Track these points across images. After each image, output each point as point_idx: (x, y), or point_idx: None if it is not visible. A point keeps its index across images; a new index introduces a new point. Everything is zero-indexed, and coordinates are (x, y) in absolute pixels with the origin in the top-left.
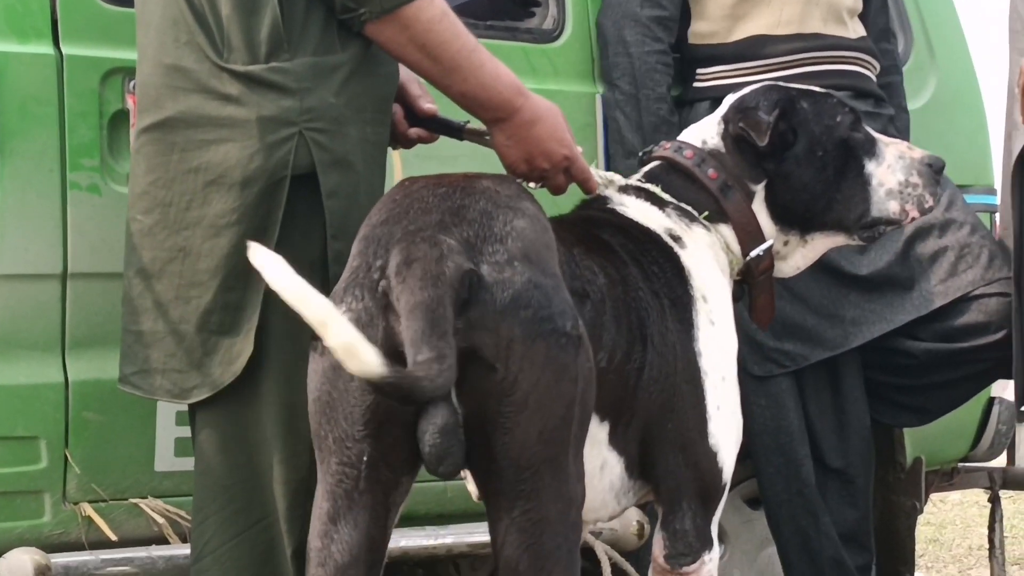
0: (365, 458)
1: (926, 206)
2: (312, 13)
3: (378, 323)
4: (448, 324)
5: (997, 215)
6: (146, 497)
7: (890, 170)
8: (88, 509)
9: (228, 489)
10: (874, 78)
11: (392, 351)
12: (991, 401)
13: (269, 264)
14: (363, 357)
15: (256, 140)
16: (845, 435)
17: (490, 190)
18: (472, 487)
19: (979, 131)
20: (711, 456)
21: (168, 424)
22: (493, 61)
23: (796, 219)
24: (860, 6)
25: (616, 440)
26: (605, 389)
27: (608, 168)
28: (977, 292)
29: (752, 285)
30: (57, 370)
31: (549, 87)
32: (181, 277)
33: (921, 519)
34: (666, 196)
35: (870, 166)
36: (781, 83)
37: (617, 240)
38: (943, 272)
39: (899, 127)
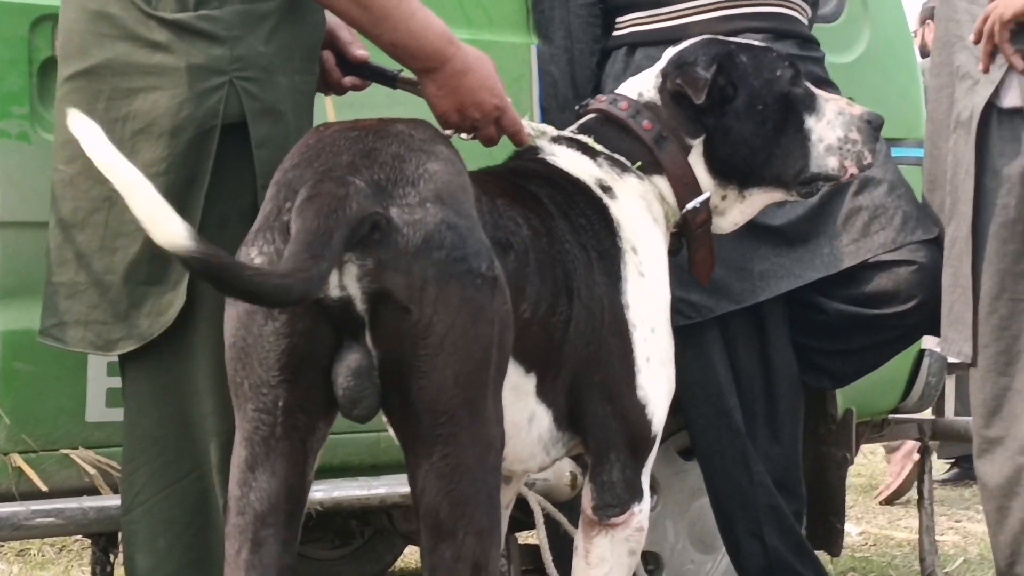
0: (281, 404)
1: (864, 163)
2: None
3: None
4: (330, 253)
5: None
6: (77, 448)
7: (830, 126)
8: (18, 460)
9: (158, 441)
10: (803, 19)
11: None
12: (921, 353)
13: (86, 132)
14: (168, 227)
15: (186, 89)
16: (772, 384)
17: (404, 133)
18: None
19: (911, 84)
20: (640, 408)
21: (99, 375)
22: (423, 10)
23: (735, 173)
24: None
25: (544, 392)
26: (530, 340)
27: (544, 121)
28: (887, 258)
29: (690, 238)
30: None
31: (483, 37)
32: (107, 227)
33: (853, 470)
34: (598, 146)
35: (810, 121)
36: (720, 37)
37: (545, 192)
38: (855, 232)
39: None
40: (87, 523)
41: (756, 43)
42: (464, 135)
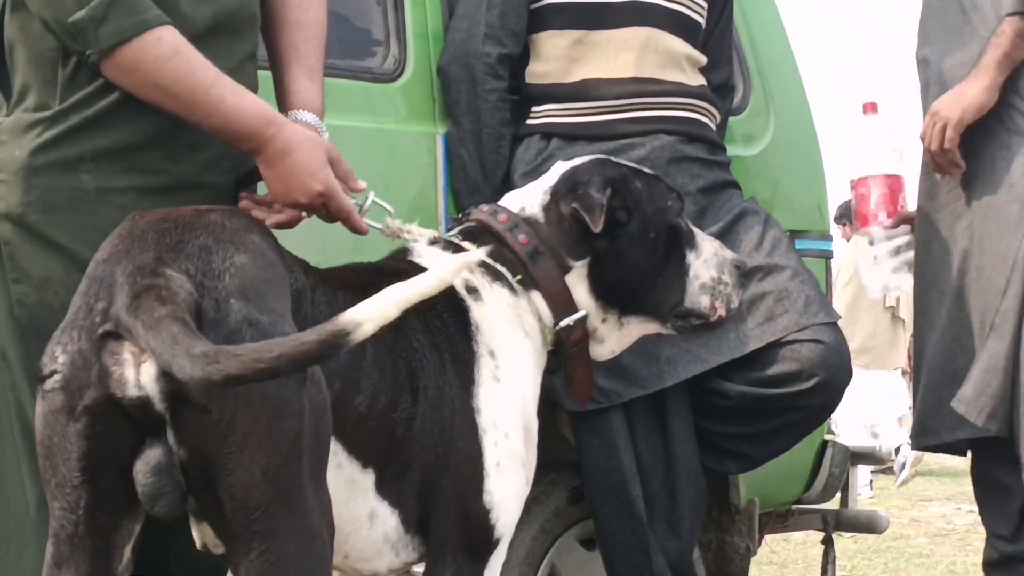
0: (82, 503)
1: (732, 306)
2: (37, 71)
3: (92, 366)
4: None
5: (832, 260)
6: None
7: (706, 264)
8: None
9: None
10: (712, 125)
11: (105, 396)
12: (824, 444)
13: None
14: None
15: None
16: (673, 475)
17: (214, 224)
18: (196, 535)
19: (816, 177)
20: (484, 513)
21: None
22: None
23: (618, 298)
24: (703, 59)
25: (387, 490)
26: (366, 435)
27: (455, 204)
28: (790, 338)
29: (566, 356)
30: None
31: (389, 126)
32: None
33: (763, 558)
34: (476, 251)
35: (690, 257)
36: (612, 158)
37: None
38: (760, 316)
39: None
40: None
41: (646, 169)
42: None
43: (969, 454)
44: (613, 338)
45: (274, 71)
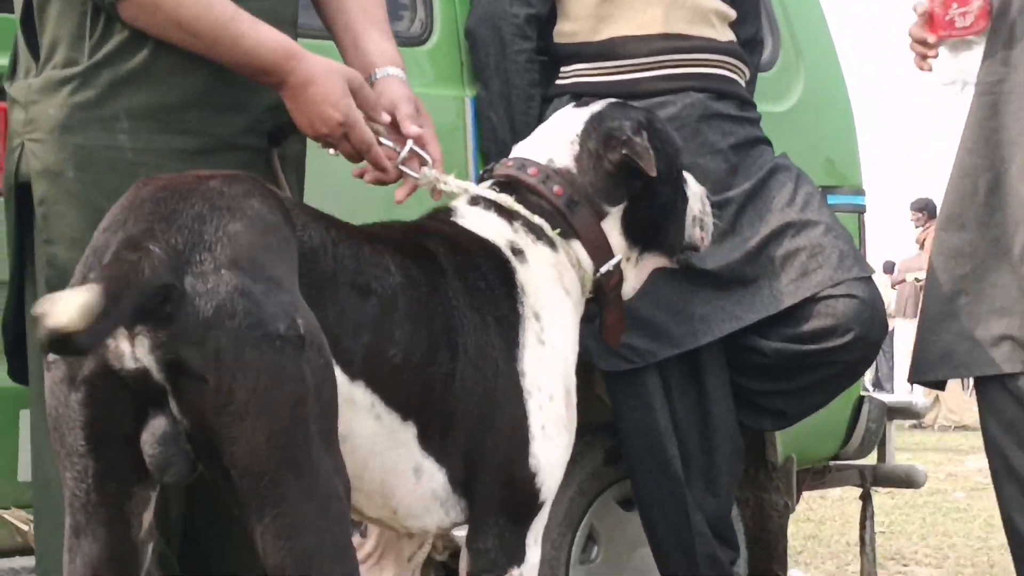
0: (91, 472)
1: (711, 233)
2: (64, 25)
3: None
4: (115, 313)
5: (865, 215)
6: (9, 508)
7: (694, 198)
8: None
9: (46, 489)
10: (742, 81)
11: (103, 367)
12: (861, 399)
13: None
14: None
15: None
16: (709, 434)
17: (212, 191)
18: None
19: (847, 132)
20: (529, 477)
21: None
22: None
23: (645, 238)
24: (732, 14)
25: (431, 446)
26: (403, 387)
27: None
28: (825, 294)
29: (604, 302)
30: None
31: (417, 90)
32: None
33: (800, 515)
34: (519, 207)
35: (687, 192)
36: (624, 102)
37: (442, 250)
38: (794, 272)
39: None
40: None
41: (651, 110)
42: (331, 151)
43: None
44: (632, 276)
45: (346, 37)
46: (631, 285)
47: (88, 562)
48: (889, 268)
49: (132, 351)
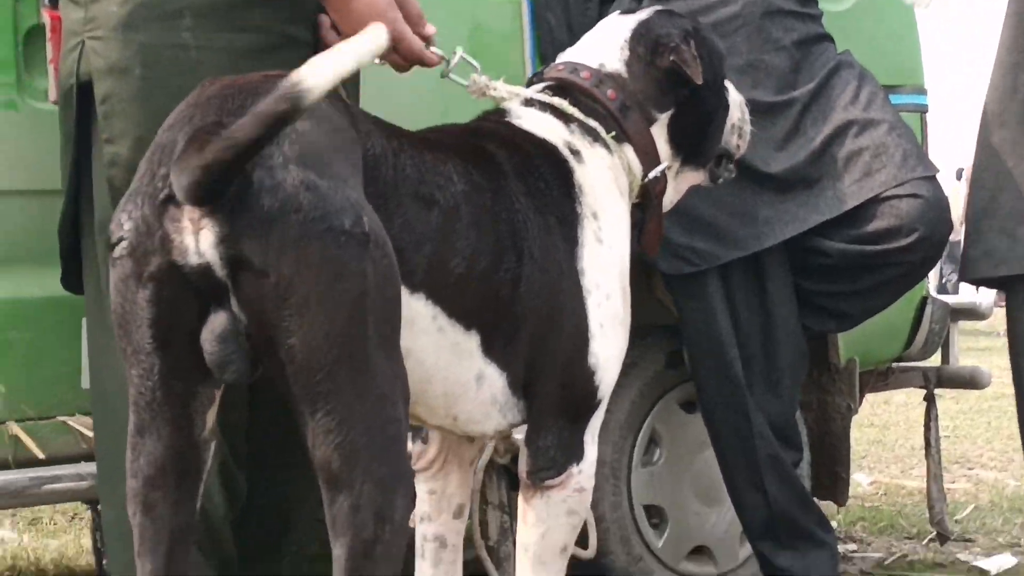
0: (156, 370)
1: (747, 141)
2: None
3: (155, 232)
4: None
5: (928, 115)
6: (73, 415)
7: (734, 105)
8: (15, 428)
9: (106, 396)
10: None
11: (169, 263)
12: (924, 300)
13: None
14: None
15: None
16: (771, 337)
17: None
18: None
19: (908, 30)
20: (588, 375)
21: None
22: None
23: (687, 147)
24: None
25: (494, 353)
26: (467, 297)
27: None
28: (889, 194)
29: (647, 208)
30: None
31: None
32: None
33: (864, 420)
34: (573, 110)
35: (728, 100)
36: (671, 10)
37: (502, 152)
38: (858, 172)
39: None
40: (84, 489)
41: (696, 19)
42: (378, 60)
43: None
44: (671, 189)
45: None
46: (669, 198)
47: (151, 460)
48: (959, 175)
49: (196, 246)
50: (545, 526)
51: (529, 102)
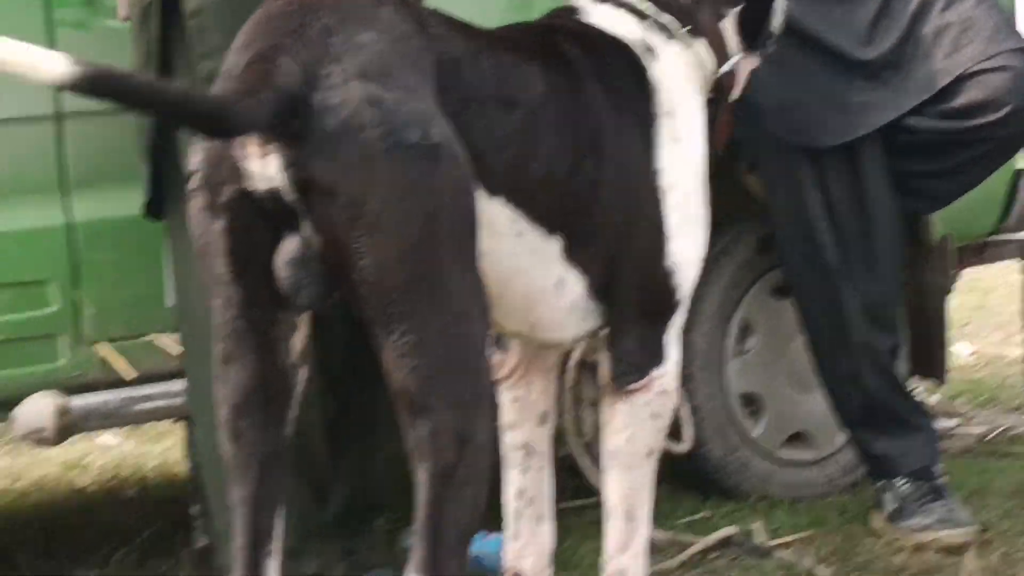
0: (236, 299)
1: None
2: None
3: (224, 161)
4: (265, 96)
5: None
6: (161, 333)
7: None
8: (104, 348)
9: (190, 314)
10: None
11: (240, 191)
12: (1017, 174)
13: None
14: (42, 63)
15: None
16: (867, 218)
17: (341, 3)
18: None
19: None
20: (667, 275)
21: None
22: None
23: (752, 38)
24: None
25: (575, 257)
26: (547, 201)
27: None
28: (978, 68)
29: (719, 103)
30: (60, 212)
31: None
32: None
33: (966, 285)
34: (647, 5)
35: None
36: None
37: (578, 52)
38: (946, 48)
39: None
40: (175, 407)
41: None
42: None
43: None
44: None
45: None
46: (737, 89)
47: (238, 388)
48: None
49: (263, 170)
50: (630, 431)
51: None
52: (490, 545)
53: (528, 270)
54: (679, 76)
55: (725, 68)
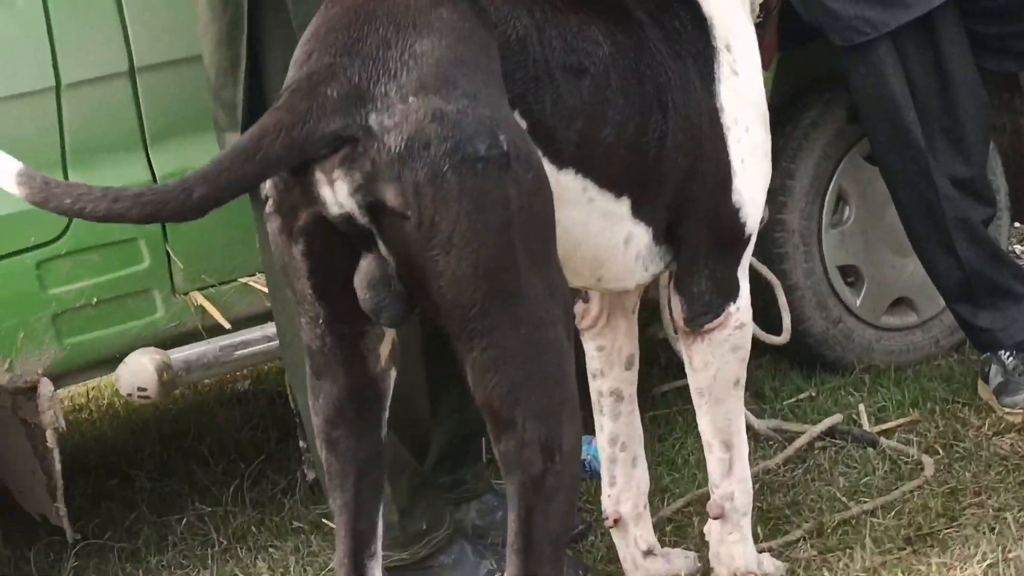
0: (322, 317)
1: None
2: None
3: (294, 187)
4: (240, 172)
5: None
6: (253, 275)
7: None
8: (199, 297)
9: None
10: None
11: (316, 215)
12: None
13: None
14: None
15: None
16: (950, 93)
17: (399, 6)
18: None
19: None
20: (733, 212)
21: None
22: None
23: None
24: None
25: (642, 212)
26: (617, 164)
27: None
28: None
29: (766, 21)
30: (143, 168)
31: None
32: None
33: None
34: None
35: None
36: None
37: None
38: None
39: None
40: (273, 351)
41: None
42: None
43: None
44: None
45: None
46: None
47: (330, 401)
48: None
49: (334, 196)
50: (714, 367)
51: None
52: (595, 450)
53: (599, 232)
54: (731, 6)
55: None
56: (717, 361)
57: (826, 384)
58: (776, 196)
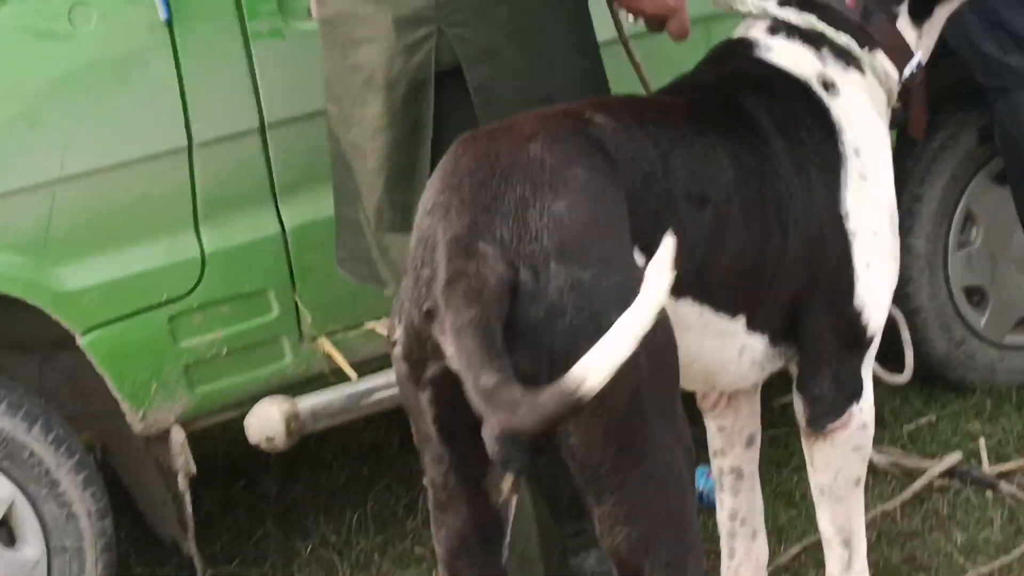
0: (447, 458)
1: None
2: None
3: (425, 340)
4: (499, 341)
5: None
6: (380, 319)
7: None
8: (326, 344)
9: None
10: None
11: (444, 368)
12: None
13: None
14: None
15: (395, 41)
16: None
17: (533, 165)
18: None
19: None
20: (856, 316)
21: None
22: None
23: (928, 16)
24: None
25: (756, 324)
26: (733, 288)
27: None
28: None
29: (910, 101)
30: (273, 221)
31: None
32: (361, 172)
33: None
34: (824, 27)
35: None
36: None
37: (761, 107)
38: None
39: None
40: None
41: None
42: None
43: None
44: (927, 38)
45: None
46: (926, 50)
47: (453, 534)
48: None
49: None
50: (836, 467)
51: (775, 28)
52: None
53: (713, 350)
54: (861, 107)
55: (908, 71)
56: (839, 461)
57: (946, 408)
58: (903, 221)
